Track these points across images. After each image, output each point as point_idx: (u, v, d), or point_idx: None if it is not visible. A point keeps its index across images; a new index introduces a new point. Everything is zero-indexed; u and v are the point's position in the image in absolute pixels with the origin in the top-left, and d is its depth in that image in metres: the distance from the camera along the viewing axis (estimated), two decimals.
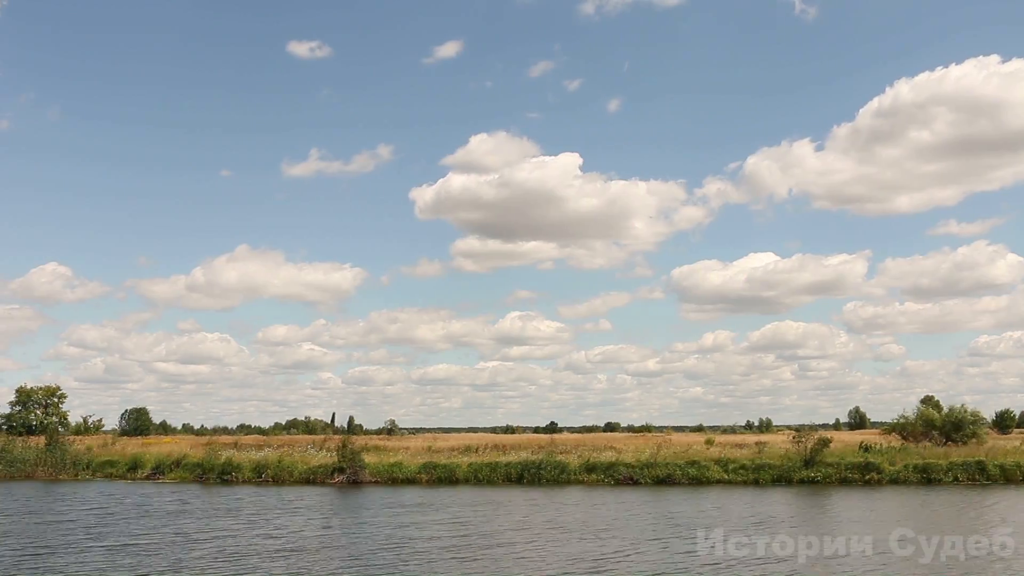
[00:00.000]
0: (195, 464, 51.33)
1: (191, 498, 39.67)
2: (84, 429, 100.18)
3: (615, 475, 46.21)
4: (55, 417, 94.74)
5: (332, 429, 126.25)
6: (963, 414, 62.88)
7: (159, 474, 51.58)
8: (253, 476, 48.65)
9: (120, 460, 55.20)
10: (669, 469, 46.20)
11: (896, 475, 45.34)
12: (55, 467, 53.40)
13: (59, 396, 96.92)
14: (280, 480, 47.90)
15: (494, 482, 46.43)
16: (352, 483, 46.06)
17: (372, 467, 47.99)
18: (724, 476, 45.87)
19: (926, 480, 44.92)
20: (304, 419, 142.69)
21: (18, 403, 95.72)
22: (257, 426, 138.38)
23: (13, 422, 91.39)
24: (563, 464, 47.83)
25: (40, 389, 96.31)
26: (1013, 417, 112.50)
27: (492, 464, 48.51)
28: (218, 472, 49.49)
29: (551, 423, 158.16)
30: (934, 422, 62.55)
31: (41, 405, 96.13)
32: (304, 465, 49.31)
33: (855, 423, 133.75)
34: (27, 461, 54.25)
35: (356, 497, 40.49)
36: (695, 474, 45.90)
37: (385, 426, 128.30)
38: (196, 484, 47.73)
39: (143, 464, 53.16)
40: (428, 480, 46.98)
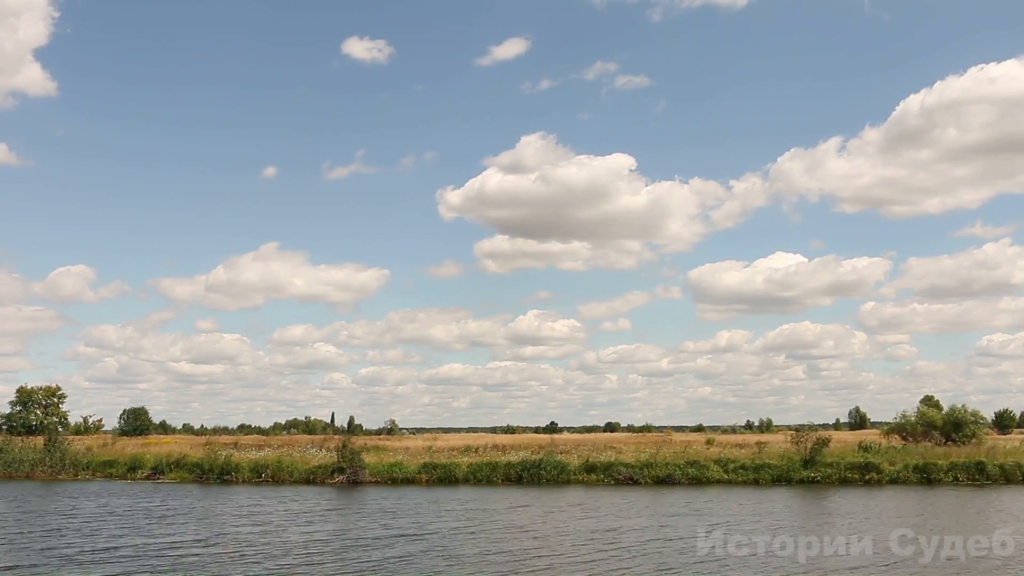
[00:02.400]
0: (195, 464, 51.27)
1: (266, 500, 39.64)
2: (84, 429, 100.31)
3: (615, 475, 46.18)
4: (55, 417, 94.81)
5: (332, 429, 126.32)
6: (963, 414, 62.97)
7: (159, 474, 51.53)
8: (253, 476, 48.62)
9: (120, 460, 55.13)
10: (669, 469, 46.17)
11: (896, 475, 45.33)
12: (54, 467, 53.37)
13: (59, 396, 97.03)
14: (280, 480, 47.87)
15: (494, 482, 46.40)
16: (352, 483, 46.03)
17: (372, 467, 47.96)
18: (724, 476, 45.85)
19: (926, 480, 44.91)
20: (304, 419, 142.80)
21: (18, 403, 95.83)
22: (257, 426, 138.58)
23: (13, 422, 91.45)
24: (563, 464, 47.79)
25: (40, 389, 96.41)
26: (1013, 417, 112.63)
27: (492, 464, 48.48)
28: (218, 472, 49.46)
29: (551, 423, 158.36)
30: (934, 422, 62.59)
31: (41, 405, 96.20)
32: (304, 465, 49.28)
33: (855, 423, 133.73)
34: (26, 461, 54.19)
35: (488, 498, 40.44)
36: (695, 474, 45.88)
37: (385, 426, 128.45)
38: (195, 484, 47.69)
39: (143, 464, 53.10)
40: (428, 480, 46.96)
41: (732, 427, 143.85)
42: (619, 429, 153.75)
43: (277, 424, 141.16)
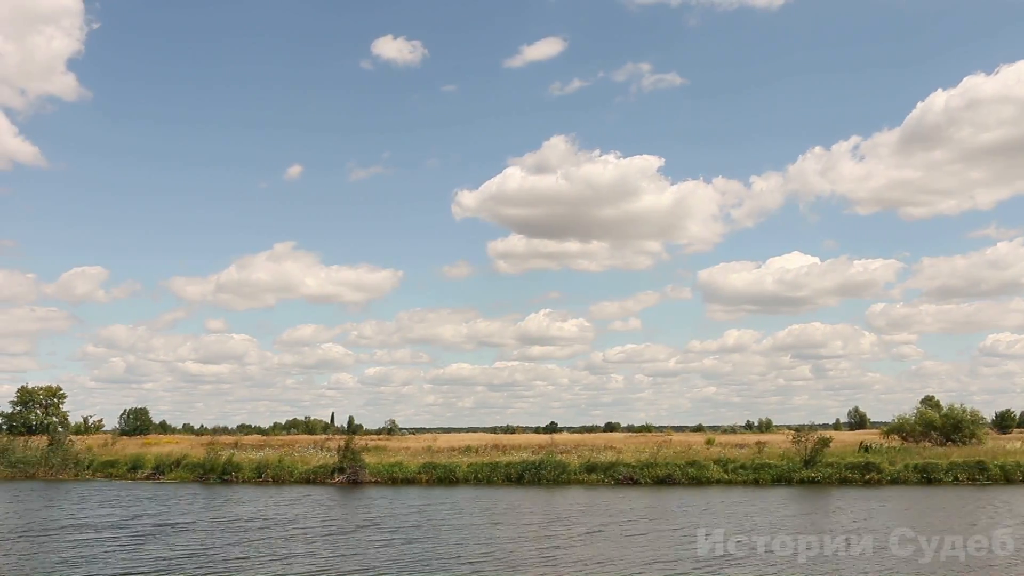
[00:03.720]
0: (196, 464, 51.36)
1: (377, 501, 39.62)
2: (84, 429, 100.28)
3: (615, 475, 46.22)
4: (55, 417, 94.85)
5: (332, 429, 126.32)
6: (962, 414, 62.93)
7: (159, 474, 51.60)
8: (253, 476, 48.69)
9: (120, 460, 55.23)
10: (669, 469, 46.22)
11: (896, 475, 45.38)
12: (56, 467, 53.42)
13: (59, 396, 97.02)
14: (280, 480, 47.94)
15: (494, 482, 46.44)
16: (352, 483, 46.08)
17: (372, 467, 48.02)
18: (724, 476, 45.89)
19: (926, 480, 44.95)
20: (304, 419, 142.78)
21: (19, 403, 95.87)
22: (257, 426, 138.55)
23: (14, 422, 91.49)
24: (563, 464, 47.85)
25: (41, 389, 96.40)
26: (1013, 417, 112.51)
27: (492, 464, 48.53)
28: (219, 472, 49.54)
29: (551, 423, 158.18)
30: (933, 422, 62.59)
31: (41, 405, 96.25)
32: (304, 465, 49.36)
33: (855, 423, 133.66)
34: (28, 461, 54.26)
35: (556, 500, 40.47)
36: (695, 474, 45.91)
37: (385, 426, 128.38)
38: (197, 484, 47.75)
39: (143, 464, 53.19)
40: (428, 480, 47.00)
41: (732, 427, 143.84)
42: (619, 429, 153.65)
43: (277, 424, 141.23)
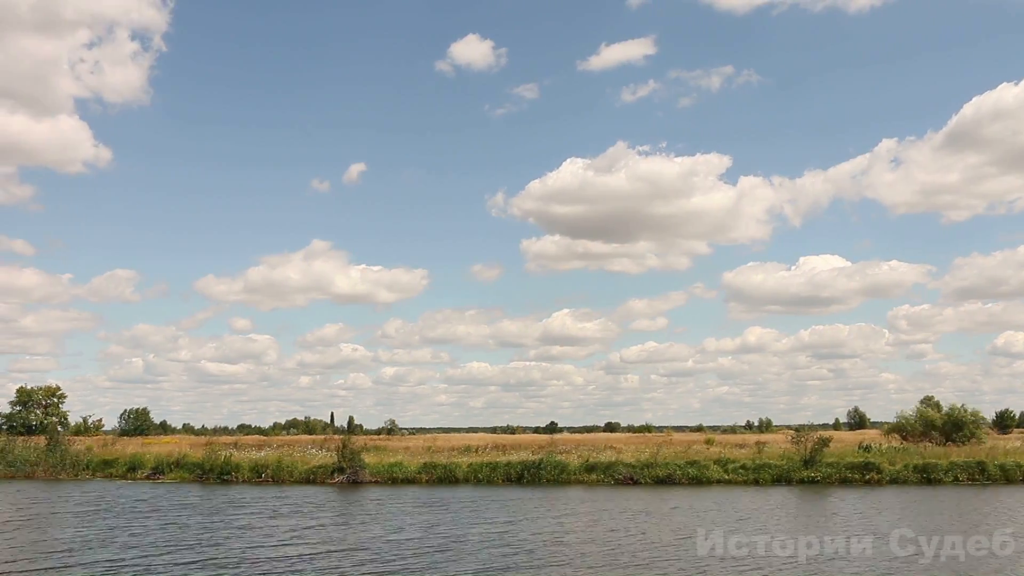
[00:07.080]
0: (195, 464, 51.27)
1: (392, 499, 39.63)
2: (83, 429, 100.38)
3: (615, 475, 46.18)
4: (55, 417, 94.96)
5: (332, 429, 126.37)
6: (962, 414, 62.99)
7: (159, 474, 51.55)
8: (253, 476, 48.67)
9: (120, 460, 55.15)
10: (669, 469, 46.16)
11: (896, 475, 45.34)
12: (55, 467, 53.40)
13: (59, 396, 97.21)
14: (280, 480, 47.91)
15: (494, 482, 46.42)
16: (352, 483, 46.05)
17: (372, 467, 47.98)
18: (724, 476, 45.84)
19: (926, 480, 44.92)
20: (304, 419, 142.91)
21: (18, 403, 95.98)
22: (257, 426, 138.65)
23: (13, 422, 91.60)
24: (563, 464, 47.81)
25: (40, 389, 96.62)
26: (1013, 417, 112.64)
27: (492, 464, 48.49)
28: (218, 472, 49.49)
29: (551, 423, 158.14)
30: (933, 422, 62.63)
31: (41, 405, 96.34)
32: (304, 465, 49.33)
33: (855, 423, 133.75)
34: (28, 461, 54.25)
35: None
36: (695, 474, 45.85)
37: (385, 426, 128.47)
38: (196, 484, 47.73)
39: (143, 464, 53.12)
40: (428, 480, 46.97)
41: (732, 427, 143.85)
42: (619, 429, 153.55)
43: (277, 424, 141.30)
